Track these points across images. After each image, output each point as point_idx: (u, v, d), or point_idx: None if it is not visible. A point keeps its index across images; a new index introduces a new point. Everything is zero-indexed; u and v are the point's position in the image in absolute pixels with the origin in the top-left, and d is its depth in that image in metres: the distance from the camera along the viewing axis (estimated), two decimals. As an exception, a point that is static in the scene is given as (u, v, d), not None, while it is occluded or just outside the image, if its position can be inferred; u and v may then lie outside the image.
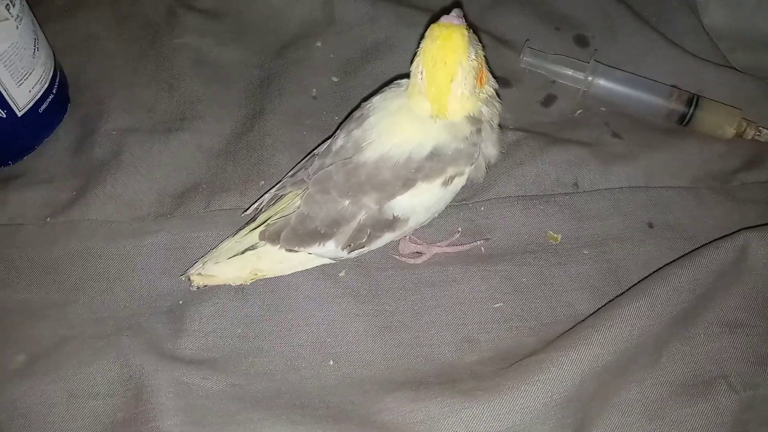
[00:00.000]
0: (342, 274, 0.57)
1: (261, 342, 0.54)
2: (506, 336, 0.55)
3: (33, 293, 0.56)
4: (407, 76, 0.53)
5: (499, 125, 0.55)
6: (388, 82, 0.56)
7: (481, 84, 0.52)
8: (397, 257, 0.59)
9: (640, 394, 0.51)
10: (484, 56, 0.52)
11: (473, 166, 0.53)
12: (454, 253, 0.59)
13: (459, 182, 0.53)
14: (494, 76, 0.55)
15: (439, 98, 0.50)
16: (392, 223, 0.52)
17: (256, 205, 0.57)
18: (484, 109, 0.53)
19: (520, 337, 0.54)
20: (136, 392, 0.50)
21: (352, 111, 0.57)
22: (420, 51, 0.50)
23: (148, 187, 0.62)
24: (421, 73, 0.50)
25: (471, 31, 0.51)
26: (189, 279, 0.55)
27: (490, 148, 0.54)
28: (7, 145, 0.63)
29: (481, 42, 0.53)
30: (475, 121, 0.52)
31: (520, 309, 0.56)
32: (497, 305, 0.56)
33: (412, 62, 0.51)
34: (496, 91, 0.55)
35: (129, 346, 0.52)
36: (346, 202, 0.51)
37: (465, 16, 0.51)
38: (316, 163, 0.54)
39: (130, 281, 0.57)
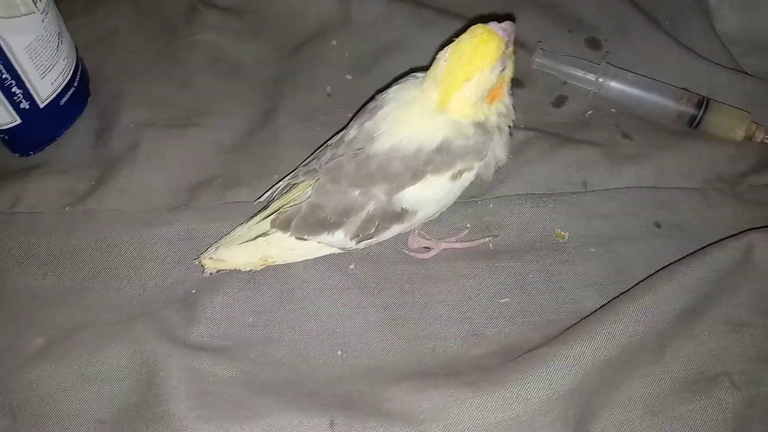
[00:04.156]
0: (352, 266, 0.58)
1: (271, 331, 0.55)
2: (512, 331, 0.55)
3: (51, 280, 0.58)
4: (423, 70, 0.54)
5: (510, 132, 0.56)
6: (405, 74, 0.57)
7: (491, 101, 0.52)
8: (406, 252, 0.59)
9: (643, 390, 0.51)
10: (511, 78, 0.53)
11: (483, 162, 0.53)
12: (462, 249, 0.60)
13: (468, 177, 0.53)
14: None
15: (448, 91, 0.51)
16: (401, 215, 0.53)
17: (269, 193, 0.58)
18: (493, 118, 0.53)
19: (526, 332, 0.55)
20: (149, 377, 0.51)
21: (366, 102, 0.58)
22: (455, 41, 0.51)
23: (164, 179, 0.64)
24: (446, 60, 0.51)
25: (511, 50, 0.52)
26: (201, 264, 0.56)
27: (499, 151, 0.54)
28: (29, 135, 0.64)
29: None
30: (480, 125, 0.52)
31: (526, 305, 0.57)
32: (503, 301, 0.57)
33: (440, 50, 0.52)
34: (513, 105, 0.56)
35: (142, 333, 0.53)
36: (356, 193, 0.52)
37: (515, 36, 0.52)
38: (329, 153, 0.55)
39: (144, 270, 0.58)
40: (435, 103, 0.52)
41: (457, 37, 0.51)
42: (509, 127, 0.55)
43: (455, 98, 0.51)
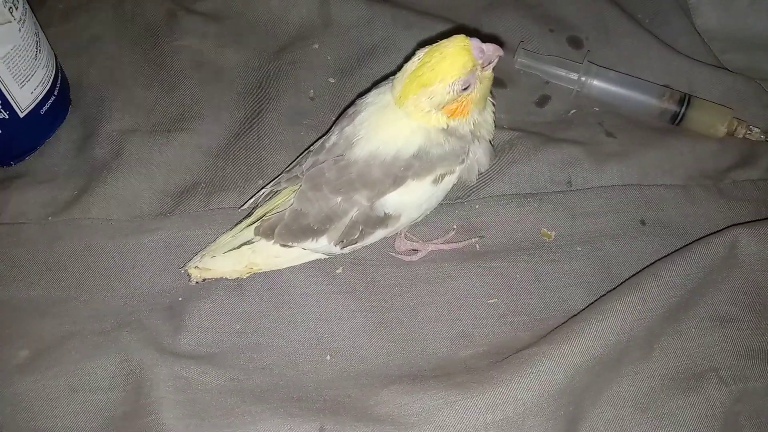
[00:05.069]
0: (339, 271, 0.58)
1: (259, 337, 0.55)
2: (500, 331, 0.56)
3: (35, 291, 0.57)
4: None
5: (491, 142, 0.56)
6: (385, 78, 0.57)
7: (450, 115, 0.51)
8: (394, 254, 0.59)
9: (633, 387, 0.52)
10: (483, 98, 0.52)
11: (465, 166, 0.53)
12: (450, 250, 0.60)
13: (450, 180, 0.53)
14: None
15: (407, 90, 0.50)
16: (384, 220, 0.53)
17: (252, 200, 0.58)
18: (463, 128, 0.52)
19: (514, 332, 0.55)
20: (137, 386, 0.51)
21: (347, 107, 0.57)
22: (436, 43, 0.50)
23: (148, 186, 0.63)
24: (419, 58, 0.50)
25: (488, 73, 0.50)
26: (187, 273, 0.56)
27: (480, 156, 0.54)
28: (9, 145, 0.64)
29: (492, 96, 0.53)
30: (448, 132, 0.52)
31: (514, 305, 0.57)
32: (491, 301, 0.57)
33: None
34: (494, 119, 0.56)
35: (129, 342, 0.53)
36: (338, 199, 0.52)
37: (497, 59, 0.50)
38: (310, 159, 0.55)
39: (130, 278, 0.58)
40: (397, 99, 0.51)
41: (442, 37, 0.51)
42: (489, 137, 0.55)
43: (411, 99, 0.50)
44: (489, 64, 0.50)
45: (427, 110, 0.50)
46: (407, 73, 0.51)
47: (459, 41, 0.49)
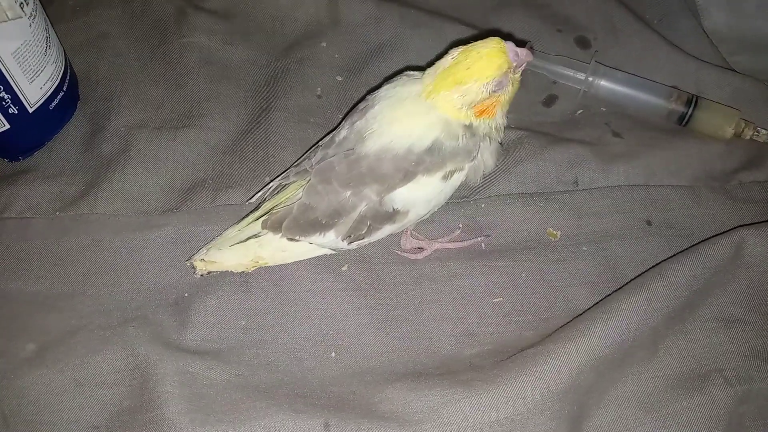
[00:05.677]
0: (344, 268, 0.58)
1: (264, 334, 0.55)
2: (505, 330, 0.56)
3: (42, 285, 0.57)
4: (415, 70, 0.55)
5: (501, 142, 0.56)
6: (398, 73, 0.57)
7: (479, 114, 0.52)
8: (399, 252, 0.60)
9: (637, 387, 0.52)
10: (509, 101, 0.53)
11: (473, 163, 0.53)
12: (455, 248, 0.60)
13: (458, 177, 0.53)
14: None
15: (439, 86, 0.51)
16: (392, 215, 0.53)
17: (260, 194, 0.58)
18: (482, 126, 0.53)
19: (519, 331, 0.55)
20: (142, 381, 0.51)
21: (357, 102, 0.58)
22: (471, 44, 0.51)
23: (156, 182, 0.63)
24: (453, 57, 0.51)
25: (518, 76, 0.52)
26: (192, 265, 0.56)
27: (487, 157, 0.55)
28: (18, 140, 0.64)
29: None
30: (469, 128, 0.53)
31: (519, 304, 0.57)
32: (497, 300, 0.57)
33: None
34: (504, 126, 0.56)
35: (135, 337, 0.53)
36: (348, 193, 0.52)
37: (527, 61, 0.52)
38: (320, 153, 0.55)
39: (136, 274, 0.58)
40: (427, 92, 0.52)
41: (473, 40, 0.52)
42: (500, 139, 0.56)
43: (442, 95, 0.51)
44: (520, 67, 0.51)
45: (458, 107, 0.51)
46: (440, 70, 0.52)
47: (495, 43, 0.50)
